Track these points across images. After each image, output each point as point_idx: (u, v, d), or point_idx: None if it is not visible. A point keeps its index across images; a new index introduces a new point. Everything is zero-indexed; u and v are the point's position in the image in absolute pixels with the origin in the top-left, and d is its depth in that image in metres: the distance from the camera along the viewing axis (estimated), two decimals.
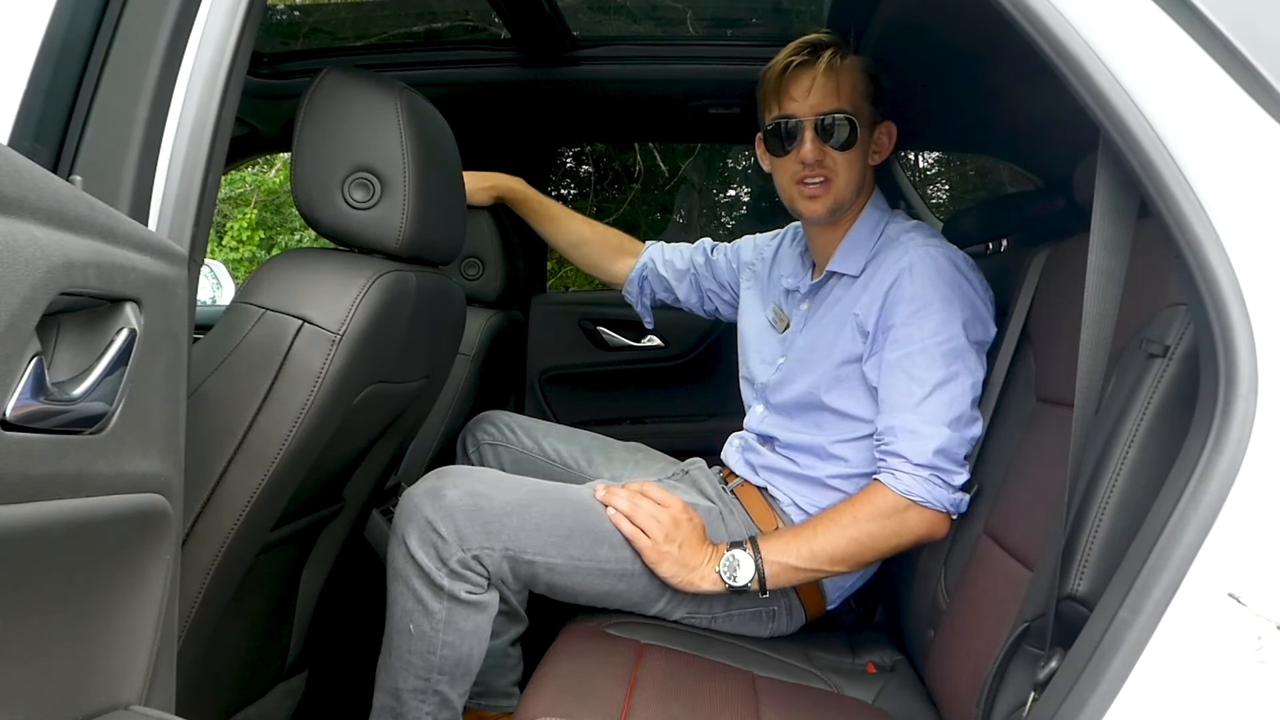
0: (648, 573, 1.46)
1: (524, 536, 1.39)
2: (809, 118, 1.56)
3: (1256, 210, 0.84)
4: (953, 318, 1.45)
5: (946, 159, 4.22)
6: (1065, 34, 0.89)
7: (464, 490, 1.39)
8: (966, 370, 1.44)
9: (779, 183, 1.64)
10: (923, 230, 1.59)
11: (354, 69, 1.27)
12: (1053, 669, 0.92)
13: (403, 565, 1.38)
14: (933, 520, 1.42)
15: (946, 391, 1.42)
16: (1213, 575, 0.81)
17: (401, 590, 1.39)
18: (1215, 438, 0.82)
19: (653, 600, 1.50)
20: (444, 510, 1.37)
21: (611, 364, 2.75)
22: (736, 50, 2.29)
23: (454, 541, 1.36)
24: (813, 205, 1.60)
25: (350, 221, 1.23)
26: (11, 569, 0.69)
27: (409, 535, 1.38)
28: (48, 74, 0.93)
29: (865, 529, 1.42)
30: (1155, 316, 1.01)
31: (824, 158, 1.57)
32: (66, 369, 0.75)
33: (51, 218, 0.69)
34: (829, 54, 1.56)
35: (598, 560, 1.44)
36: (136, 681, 0.87)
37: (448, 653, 1.39)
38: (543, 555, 1.41)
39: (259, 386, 1.14)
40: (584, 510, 1.47)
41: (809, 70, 1.57)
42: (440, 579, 1.36)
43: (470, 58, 2.35)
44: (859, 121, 1.57)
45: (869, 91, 1.60)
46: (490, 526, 1.38)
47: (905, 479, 1.41)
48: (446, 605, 1.37)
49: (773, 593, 1.49)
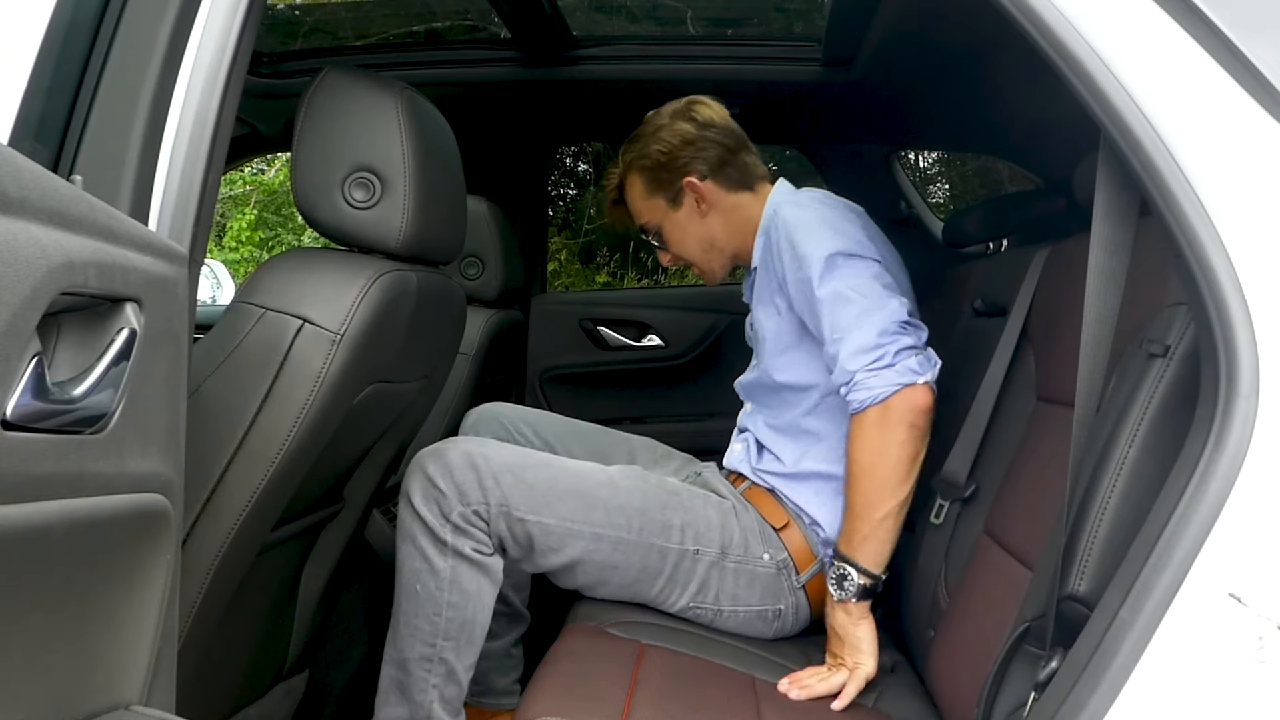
0: (644, 543, 1.50)
1: (517, 494, 1.45)
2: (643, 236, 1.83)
3: (1257, 210, 0.84)
4: (811, 242, 1.53)
5: (946, 159, 4.22)
6: (1066, 33, 0.89)
7: (463, 450, 1.47)
8: (851, 272, 1.50)
9: None
10: (795, 193, 1.71)
11: (354, 68, 1.27)
12: (1053, 669, 0.92)
13: (410, 524, 1.45)
14: (906, 402, 1.42)
15: (841, 301, 1.48)
16: (1213, 575, 0.81)
17: (409, 551, 1.45)
18: (1216, 437, 0.82)
19: (651, 576, 1.52)
20: (444, 467, 1.44)
21: (612, 364, 2.76)
22: (736, 50, 2.29)
23: (454, 497, 1.43)
24: (704, 279, 1.85)
25: (350, 221, 1.22)
26: (12, 569, 0.69)
27: (414, 493, 1.45)
28: (48, 73, 0.93)
29: (874, 466, 1.43)
30: (1156, 316, 1.01)
31: (671, 258, 1.83)
32: (67, 369, 0.75)
33: (52, 217, 0.69)
34: (611, 197, 1.84)
35: (591, 524, 1.48)
36: (137, 681, 0.87)
37: (453, 614, 1.43)
38: (534, 514, 1.45)
39: (259, 386, 1.14)
40: (579, 477, 1.51)
41: (618, 211, 1.86)
42: (444, 534, 1.43)
43: (470, 57, 2.35)
44: (658, 219, 1.78)
45: (649, 184, 1.76)
46: (485, 483, 1.44)
47: (856, 394, 1.44)
48: (451, 563, 1.43)
49: (781, 593, 1.54)
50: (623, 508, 1.50)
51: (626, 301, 2.97)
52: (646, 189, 1.77)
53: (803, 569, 1.59)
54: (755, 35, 2.41)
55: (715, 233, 1.76)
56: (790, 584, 1.58)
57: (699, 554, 1.53)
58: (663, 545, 1.51)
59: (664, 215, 1.77)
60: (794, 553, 1.59)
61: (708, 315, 2.71)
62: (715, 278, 1.84)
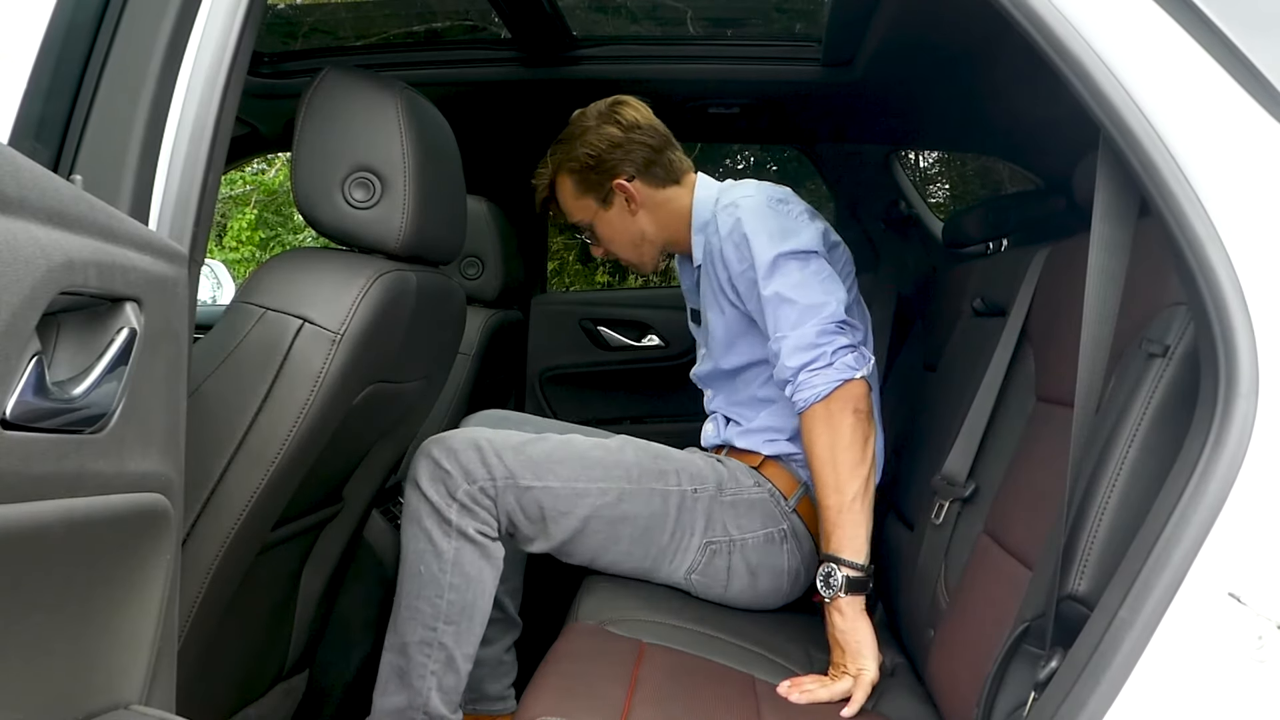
0: (645, 489, 1.59)
1: (520, 465, 1.52)
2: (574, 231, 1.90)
3: (1257, 209, 0.84)
4: (755, 244, 1.61)
5: (946, 159, 4.22)
6: (1065, 33, 0.89)
7: (467, 434, 1.55)
8: (793, 270, 1.58)
9: None
10: (730, 190, 1.76)
11: (354, 69, 1.27)
12: (1053, 669, 0.92)
13: (416, 505, 1.51)
14: (848, 395, 1.50)
15: (782, 302, 1.57)
16: (1213, 575, 0.81)
17: (415, 532, 1.50)
18: (1215, 437, 0.82)
19: (660, 520, 1.60)
20: (449, 450, 1.51)
21: (612, 364, 2.75)
22: (736, 50, 2.29)
23: (460, 476, 1.49)
24: (636, 271, 1.98)
25: (350, 221, 1.23)
26: (11, 568, 0.69)
27: (420, 476, 1.51)
28: (48, 73, 0.93)
29: (831, 455, 1.50)
30: (1155, 316, 1.01)
31: (602, 253, 1.91)
32: (67, 368, 0.75)
33: (52, 217, 0.69)
34: (542, 193, 1.88)
35: (593, 479, 1.57)
36: (137, 681, 0.87)
37: (454, 597, 1.47)
38: (540, 480, 1.53)
39: (259, 386, 1.14)
40: (574, 444, 1.61)
41: (548, 206, 1.91)
42: (450, 514, 1.48)
43: (470, 57, 2.35)
44: (589, 217, 1.85)
45: (580, 184, 1.82)
46: (489, 460, 1.51)
47: (801, 393, 1.52)
48: (455, 544, 1.48)
49: (778, 516, 1.67)
50: (619, 463, 1.60)
51: (626, 301, 2.97)
52: (576, 189, 1.83)
53: (789, 494, 1.70)
54: (755, 35, 2.41)
55: (645, 228, 1.84)
56: (782, 509, 1.68)
57: (697, 492, 1.63)
58: (663, 489, 1.61)
59: (595, 214, 1.84)
60: (778, 483, 1.70)
61: None
62: (647, 269, 1.93)
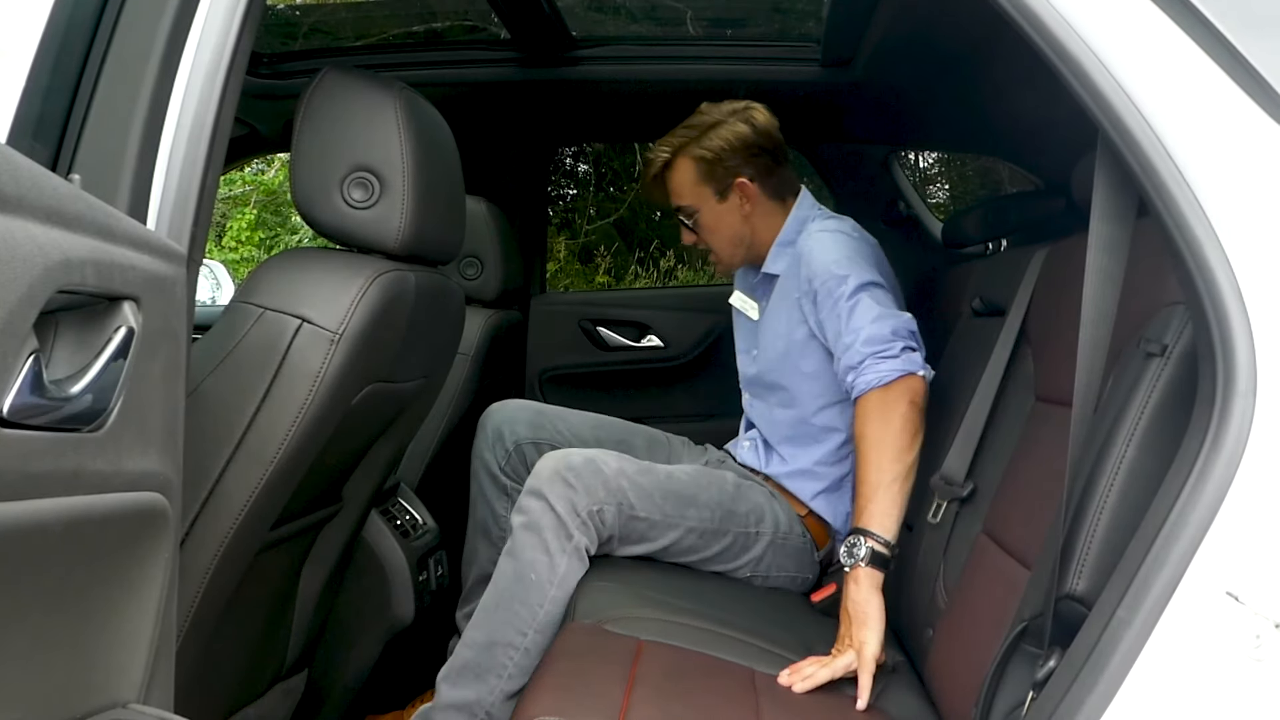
0: (722, 530, 1.75)
1: (634, 495, 1.65)
2: (675, 213, 1.97)
3: (1255, 209, 0.84)
4: (842, 270, 1.71)
5: (946, 159, 4.22)
6: (1064, 33, 0.89)
7: (587, 456, 1.67)
8: (869, 292, 1.68)
9: None
10: (823, 222, 1.87)
11: (353, 69, 1.27)
12: (1051, 668, 0.92)
13: (539, 516, 1.59)
14: (907, 387, 1.58)
15: (860, 309, 1.66)
16: (1211, 574, 0.81)
17: (532, 541, 1.58)
18: (1213, 437, 0.82)
19: (722, 552, 1.76)
20: (575, 469, 1.62)
21: (611, 364, 2.75)
22: (736, 50, 2.30)
23: (584, 492, 1.61)
24: (717, 267, 2.01)
25: (349, 221, 1.23)
26: (9, 566, 0.69)
27: (548, 491, 1.60)
28: (46, 72, 0.93)
29: (881, 437, 1.56)
30: (1154, 316, 1.01)
31: (696, 240, 1.96)
32: (65, 366, 0.75)
33: (50, 216, 0.69)
34: (658, 168, 1.93)
35: (686, 519, 1.72)
36: (135, 680, 0.87)
37: (551, 608, 1.56)
38: (646, 512, 1.67)
39: (258, 386, 1.14)
40: (675, 479, 1.74)
41: (657, 184, 1.95)
42: (573, 528, 1.59)
43: (470, 58, 2.35)
44: (699, 206, 1.91)
45: (703, 172, 1.88)
46: (610, 484, 1.64)
47: (862, 377, 1.60)
48: (568, 560, 1.58)
49: (808, 564, 1.83)
50: (708, 503, 1.74)
51: (626, 302, 2.97)
52: (697, 176, 1.89)
53: (821, 546, 1.86)
54: (755, 35, 2.41)
55: (747, 233, 1.92)
56: (812, 560, 1.85)
57: (758, 534, 1.79)
58: (736, 531, 1.76)
59: (706, 203, 1.90)
60: (815, 535, 1.85)
61: (707, 316, 2.71)
62: (731, 269, 2.01)
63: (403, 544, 1.83)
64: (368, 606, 1.81)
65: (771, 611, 1.68)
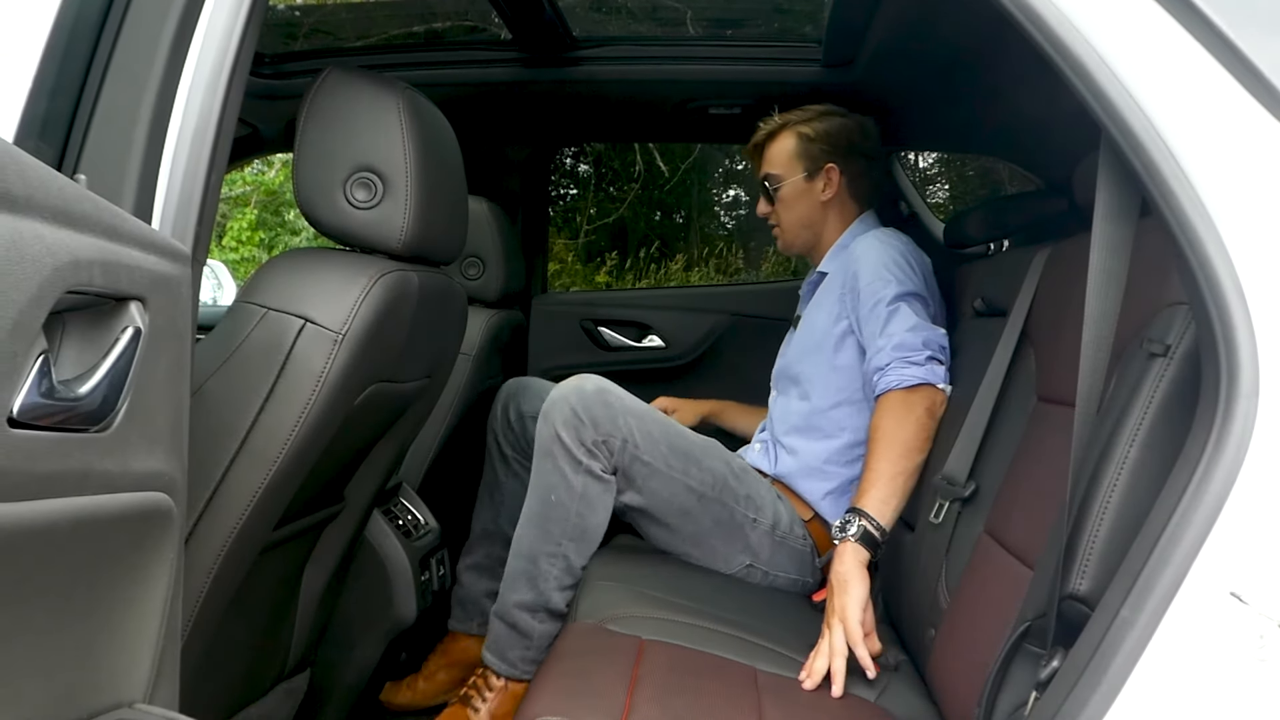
0: (719, 501, 1.79)
1: (639, 435, 1.73)
2: (761, 182, 2.07)
3: (1258, 209, 0.84)
4: (890, 275, 1.80)
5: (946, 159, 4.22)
6: (1066, 33, 0.89)
7: (598, 385, 1.75)
8: (909, 303, 1.76)
9: None
10: (882, 231, 1.94)
11: (356, 69, 1.28)
12: (1054, 668, 0.92)
13: (550, 445, 1.71)
14: (926, 395, 1.67)
15: (898, 317, 1.75)
16: (1214, 574, 0.81)
17: (549, 467, 1.72)
18: (1217, 437, 0.82)
19: (721, 530, 1.80)
20: (584, 400, 1.71)
21: (612, 364, 2.75)
22: (736, 50, 2.29)
23: (590, 425, 1.70)
24: (779, 242, 2.11)
25: (352, 221, 1.23)
26: (17, 567, 0.70)
27: (556, 420, 1.71)
28: (52, 73, 0.93)
29: (895, 432, 1.65)
30: (1156, 316, 1.01)
31: (769, 211, 2.07)
32: (72, 367, 0.75)
33: (57, 216, 0.69)
34: (764, 134, 2.05)
35: (687, 475, 1.77)
36: (141, 679, 0.88)
37: (579, 520, 1.71)
38: (649, 455, 1.73)
39: (261, 386, 1.14)
40: (683, 436, 1.81)
41: (756, 151, 2.08)
42: (580, 455, 1.70)
43: (471, 58, 2.35)
44: (786, 178, 2.02)
45: (802, 150, 2.01)
46: (617, 419, 1.72)
47: (886, 378, 1.69)
48: (583, 479, 1.71)
49: (808, 569, 1.85)
50: (711, 469, 1.80)
51: (627, 302, 2.97)
52: (796, 151, 2.01)
53: (823, 552, 1.86)
54: (755, 36, 2.41)
55: (819, 219, 2.04)
56: (813, 565, 1.87)
57: (756, 522, 1.82)
58: (732, 507, 1.80)
59: (794, 177, 2.01)
60: (818, 540, 1.88)
61: (708, 316, 2.72)
62: (792, 250, 2.10)
63: (405, 544, 1.83)
64: (370, 606, 1.82)
65: (773, 610, 1.69)
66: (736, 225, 7.79)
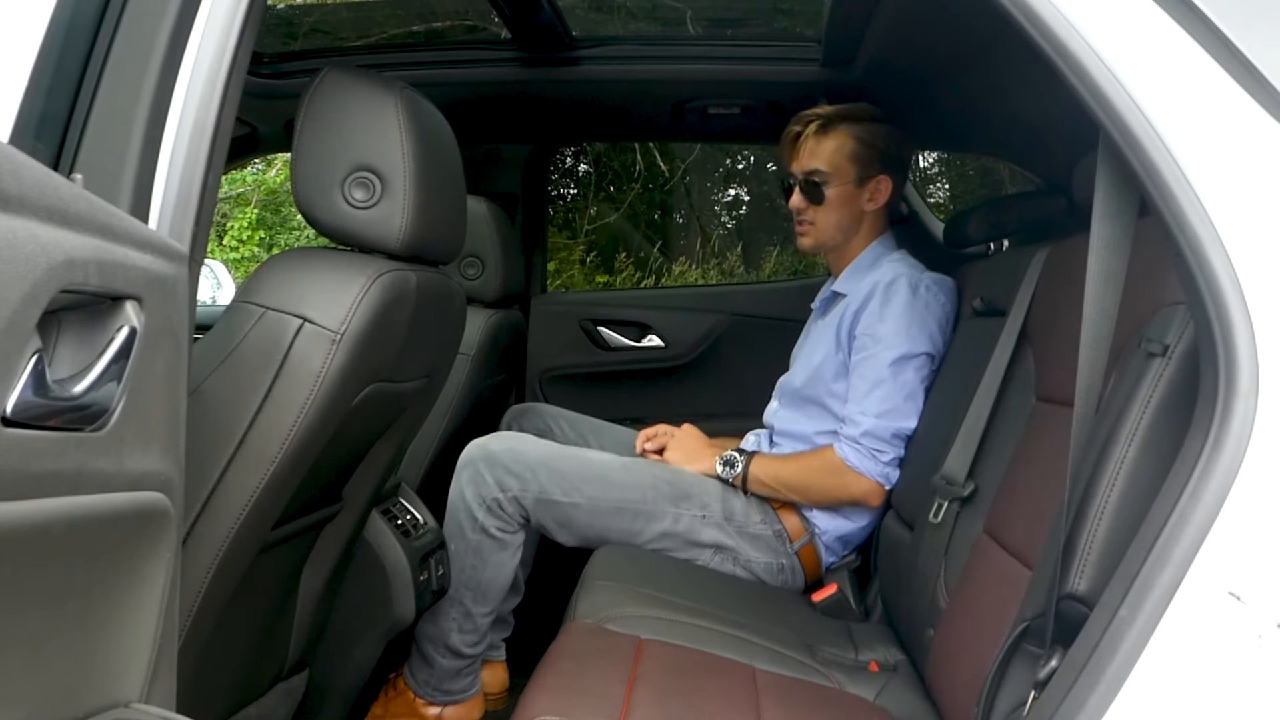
0: (659, 510, 1.84)
1: (551, 482, 1.81)
2: (798, 176, 1.98)
3: (1256, 208, 0.84)
4: (901, 331, 1.80)
5: (946, 159, 4.22)
6: (1065, 33, 0.89)
7: (506, 445, 1.84)
8: (905, 376, 1.79)
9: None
10: (905, 261, 1.93)
11: (354, 68, 1.27)
12: (1053, 668, 0.92)
13: (455, 499, 1.83)
14: (868, 487, 1.79)
15: (882, 390, 1.79)
16: (1213, 573, 0.81)
17: (450, 517, 1.84)
18: (1215, 436, 0.82)
19: (676, 538, 1.85)
20: (489, 458, 1.81)
21: (612, 364, 2.75)
22: (736, 50, 2.29)
23: (494, 485, 1.79)
24: (800, 240, 2.05)
25: (350, 221, 1.22)
26: (12, 566, 0.69)
27: (461, 476, 1.82)
28: (49, 72, 0.93)
29: (815, 476, 1.84)
30: (1155, 315, 1.01)
31: (805, 207, 1.98)
32: (67, 366, 0.75)
33: (52, 215, 0.69)
34: (816, 125, 1.95)
35: (612, 500, 1.83)
36: (137, 679, 0.87)
37: (472, 572, 1.83)
38: (566, 497, 1.81)
39: (259, 386, 1.14)
40: (599, 463, 1.88)
41: (801, 139, 1.97)
42: (478, 514, 1.80)
43: (470, 58, 2.35)
44: (836, 179, 1.94)
45: (856, 153, 1.94)
46: (524, 474, 1.80)
47: (845, 447, 1.80)
48: (477, 537, 1.82)
49: (781, 553, 1.87)
50: (637, 484, 1.85)
51: (627, 302, 2.97)
52: (851, 153, 1.94)
53: (795, 538, 1.89)
54: (755, 35, 2.41)
55: (854, 228, 1.99)
56: (787, 549, 1.88)
57: (705, 518, 1.86)
58: (675, 511, 1.84)
59: (843, 180, 1.95)
60: (787, 524, 1.89)
61: (708, 316, 2.71)
62: (812, 248, 2.04)
63: (404, 544, 1.82)
64: (369, 606, 1.81)
65: (772, 609, 1.69)
66: (736, 225, 7.79)
